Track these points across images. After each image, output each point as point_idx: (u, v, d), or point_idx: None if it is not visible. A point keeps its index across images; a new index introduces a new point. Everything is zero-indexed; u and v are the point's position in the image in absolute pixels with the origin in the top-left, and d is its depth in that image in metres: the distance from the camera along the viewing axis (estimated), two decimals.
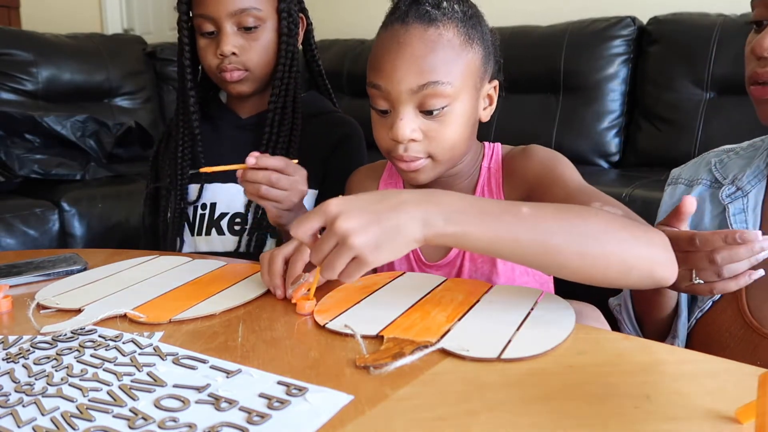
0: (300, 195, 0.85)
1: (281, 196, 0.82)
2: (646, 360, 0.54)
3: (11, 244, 1.69)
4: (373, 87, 0.77)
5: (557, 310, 0.64)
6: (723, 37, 1.73)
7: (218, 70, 1.02)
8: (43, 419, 0.47)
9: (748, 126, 0.77)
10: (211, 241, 1.06)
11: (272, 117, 1.05)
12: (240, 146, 1.06)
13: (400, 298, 0.69)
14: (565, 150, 2.16)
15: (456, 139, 0.77)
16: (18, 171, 1.90)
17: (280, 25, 1.04)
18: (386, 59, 0.75)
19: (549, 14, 2.14)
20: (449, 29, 0.75)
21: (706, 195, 0.83)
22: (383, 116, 0.78)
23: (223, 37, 1.00)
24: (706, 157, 0.87)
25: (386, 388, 0.50)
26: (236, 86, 1.04)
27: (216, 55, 1.01)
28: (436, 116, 0.75)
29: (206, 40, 1.03)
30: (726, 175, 0.81)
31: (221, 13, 0.99)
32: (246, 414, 0.46)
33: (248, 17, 1.00)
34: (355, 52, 2.49)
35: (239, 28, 1.00)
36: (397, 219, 0.56)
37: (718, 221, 0.80)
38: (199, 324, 0.65)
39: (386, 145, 0.78)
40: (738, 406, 0.44)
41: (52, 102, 2.30)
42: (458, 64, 0.75)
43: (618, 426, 0.44)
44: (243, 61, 1.01)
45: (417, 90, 0.73)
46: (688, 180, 0.86)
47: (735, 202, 0.78)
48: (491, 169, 0.86)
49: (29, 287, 0.78)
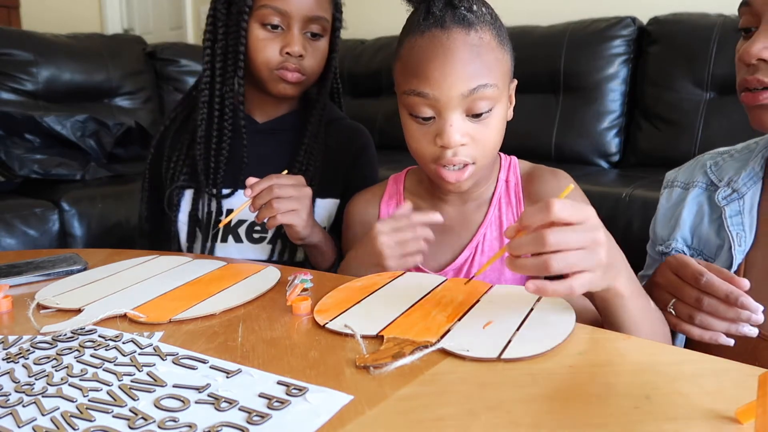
0: (308, 195, 0.89)
1: (294, 202, 0.87)
2: (646, 360, 0.54)
3: (11, 244, 1.69)
4: (416, 95, 0.75)
5: (557, 310, 0.64)
6: (723, 37, 1.73)
7: (278, 66, 1.00)
8: (43, 419, 0.47)
9: (747, 126, 0.77)
10: (227, 248, 1.05)
11: (314, 129, 1.06)
12: (259, 153, 1.06)
13: (400, 298, 0.69)
14: (565, 150, 2.17)
15: (497, 141, 0.79)
16: (18, 171, 1.90)
17: (332, 37, 1.06)
18: (432, 66, 0.74)
19: (549, 14, 2.14)
20: (486, 32, 0.75)
21: (703, 198, 0.83)
22: (425, 124, 0.77)
23: (294, 37, 0.99)
24: (701, 159, 0.87)
25: (386, 388, 0.50)
26: (290, 88, 1.02)
27: (281, 52, 0.99)
28: (482, 119, 0.76)
29: (269, 34, 1.00)
30: (721, 177, 0.81)
31: (297, 13, 0.98)
32: (246, 414, 0.46)
33: (318, 25, 1.01)
34: (355, 52, 2.49)
35: (304, 33, 1.00)
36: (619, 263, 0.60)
37: (717, 225, 0.80)
38: (199, 324, 0.65)
39: (430, 153, 0.77)
40: (738, 406, 0.44)
41: (52, 102, 2.30)
42: (499, 66, 0.76)
43: (618, 426, 0.44)
44: (304, 65, 1.01)
45: (467, 95, 0.74)
46: (684, 183, 0.86)
47: (731, 204, 0.78)
48: (509, 182, 0.87)
49: (29, 287, 0.78)
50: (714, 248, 0.80)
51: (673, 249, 0.82)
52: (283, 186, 0.86)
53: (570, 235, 0.54)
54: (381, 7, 2.62)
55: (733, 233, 0.77)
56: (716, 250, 0.80)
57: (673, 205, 0.86)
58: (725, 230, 0.77)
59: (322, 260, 1.00)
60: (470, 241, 0.86)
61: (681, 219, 0.83)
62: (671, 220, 0.85)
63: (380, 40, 2.46)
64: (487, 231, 0.86)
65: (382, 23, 2.46)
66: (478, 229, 0.86)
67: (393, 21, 1.06)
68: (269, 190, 0.86)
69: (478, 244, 0.85)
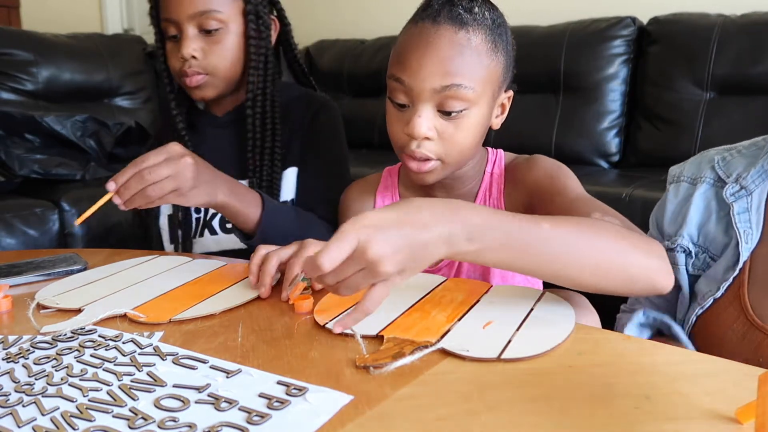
0: (187, 167, 0.78)
1: (170, 181, 0.77)
2: (646, 360, 0.54)
3: (11, 244, 1.69)
4: (395, 80, 0.77)
5: (557, 310, 0.64)
6: (723, 37, 1.73)
7: (180, 74, 1.00)
8: (43, 419, 0.47)
9: (748, 126, 0.77)
10: (204, 242, 1.05)
11: (252, 121, 1.03)
12: (221, 146, 1.06)
13: (400, 298, 0.69)
14: (565, 150, 2.18)
15: (467, 144, 0.78)
16: (18, 171, 1.90)
17: (247, 28, 1.02)
18: (413, 56, 0.75)
19: (549, 14, 2.14)
20: (478, 34, 0.75)
21: (711, 194, 0.82)
22: (400, 110, 0.78)
23: (183, 40, 0.98)
24: (707, 154, 0.86)
25: (386, 388, 0.50)
26: (197, 91, 1.01)
27: (178, 58, 0.99)
28: (453, 118, 0.76)
29: (171, 44, 1.01)
30: (729, 173, 0.81)
31: (182, 16, 0.97)
32: (246, 414, 0.46)
33: (209, 20, 0.98)
34: (355, 52, 2.49)
35: (200, 31, 0.98)
36: (424, 241, 0.55)
37: (725, 223, 0.79)
38: (199, 324, 0.65)
39: (399, 139, 0.79)
40: (738, 406, 0.44)
41: (52, 102, 2.30)
42: (482, 71, 0.76)
43: (618, 426, 0.44)
44: (204, 64, 0.99)
45: (440, 90, 0.74)
46: (691, 178, 0.85)
47: (739, 201, 0.78)
48: (494, 174, 0.88)
49: (29, 287, 0.78)
50: (720, 246, 0.80)
51: (679, 245, 0.82)
52: (154, 169, 0.76)
53: (345, 269, 0.54)
54: (381, 7, 2.62)
55: (741, 230, 0.76)
56: (722, 248, 0.79)
57: (681, 200, 0.85)
58: (733, 227, 0.77)
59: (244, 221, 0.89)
60: None
61: (688, 216, 0.83)
62: (678, 216, 0.85)
63: (380, 40, 2.46)
64: None
65: (382, 23, 2.47)
66: None
67: (393, 21, 1.06)
68: (138, 177, 0.76)
69: None
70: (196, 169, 0.79)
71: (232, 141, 1.06)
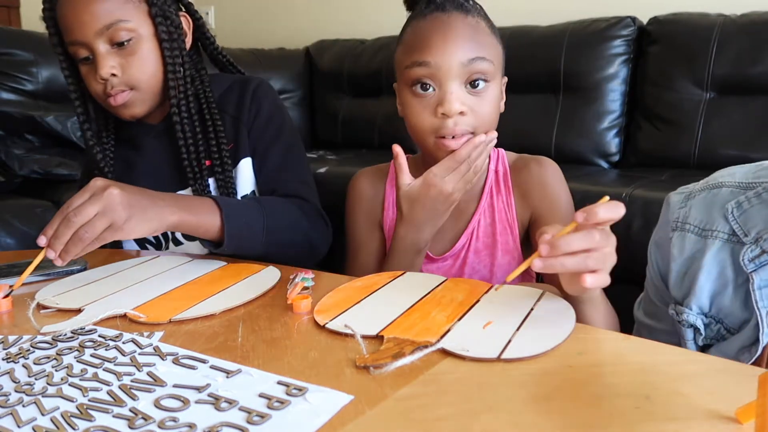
0: (114, 197, 0.73)
1: (102, 218, 0.72)
2: (646, 360, 0.54)
3: (11, 244, 1.69)
4: (418, 65, 0.81)
5: (557, 310, 0.64)
6: (723, 37, 1.73)
7: (105, 96, 0.94)
8: (43, 419, 0.47)
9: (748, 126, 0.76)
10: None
11: (181, 128, 0.98)
12: (161, 156, 1.03)
13: (400, 298, 0.69)
14: (565, 150, 2.18)
15: (493, 118, 0.84)
16: (18, 171, 1.90)
17: (158, 31, 0.95)
18: (435, 37, 0.80)
19: (549, 14, 2.14)
20: (481, 20, 0.84)
21: (725, 255, 0.67)
22: (425, 96, 0.81)
23: (98, 60, 0.91)
24: (719, 194, 0.70)
25: (386, 388, 0.50)
26: (125, 110, 0.95)
27: (98, 80, 0.93)
28: (478, 92, 0.81)
29: (86, 67, 0.94)
30: (748, 230, 0.66)
31: (89, 34, 0.90)
32: (246, 414, 0.46)
33: (119, 32, 0.91)
34: (355, 52, 2.48)
35: (113, 46, 0.92)
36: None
37: (743, 294, 0.66)
38: (199, 324, 0.65)
39: (430, 124, 0.82)
40: (738, 406, 0.44)
41: (52, 102, 2.29)
42: (493, 48, 0.84)
43: (618, 426, 0.44)
44: (125, 80, 0.93)
45: (467, 63, 0.80)
46: (700, 228, 0.70)
47: (761, 270, 0.62)
48: (499, 172, 0.93)
49: (29, 287, 0.78)
50: (738, 321, 0.67)
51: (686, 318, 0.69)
52: (79, 210, 0.72)
53: (606, 238, 0.57)
54: (381, 7, 2.62)
55: (763, 311, 0.63)
56: (740, 323, 0.67)
57: (688, 259, 0.70)
58: (752, 306, 0.64)
59: (206, 231, 0.86)
60: (466, 228, 0.92)
61: (698, 284, 0.68)
62: (686, 278, 0.71)
63: (380, 40, 2.46)
64: (480, 218, 0.92)
65: (382, 23, 2.46)
66: (472, 217, 0.92)
67: (393, 21, 1.06)
68: (66, 223, 0.71)
69: (473, 230, 0.92)
70: (126, 198, 0.75)
71: (172, 149, 1.01)
